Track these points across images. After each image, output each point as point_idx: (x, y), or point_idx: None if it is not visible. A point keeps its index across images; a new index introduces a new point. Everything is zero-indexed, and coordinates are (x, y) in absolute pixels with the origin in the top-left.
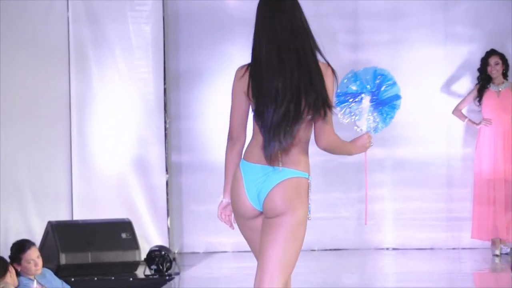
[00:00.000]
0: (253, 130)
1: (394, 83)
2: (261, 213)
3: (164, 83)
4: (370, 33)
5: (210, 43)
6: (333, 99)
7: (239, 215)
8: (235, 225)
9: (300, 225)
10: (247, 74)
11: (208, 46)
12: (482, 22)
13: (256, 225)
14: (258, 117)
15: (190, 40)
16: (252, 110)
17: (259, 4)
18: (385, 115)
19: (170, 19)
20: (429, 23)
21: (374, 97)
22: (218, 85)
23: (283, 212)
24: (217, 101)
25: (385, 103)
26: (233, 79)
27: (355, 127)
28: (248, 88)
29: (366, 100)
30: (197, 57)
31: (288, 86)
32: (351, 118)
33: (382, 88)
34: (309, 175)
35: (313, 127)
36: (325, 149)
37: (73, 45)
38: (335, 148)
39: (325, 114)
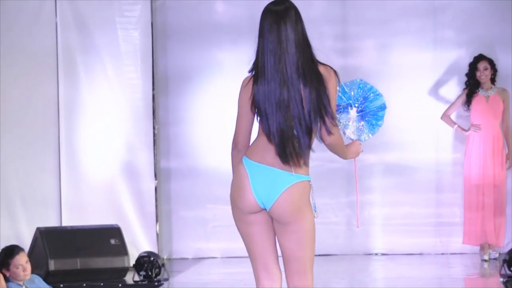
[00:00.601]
0: (259, 131)
1: (380, 94)
2: (262, 210)
3: (153, 89)
4: (359, 38)
5: (198, 48)
6: (336, 99)
7: (238, 209)
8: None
9: (313, 228)
10: (251, 84)
11: (196, 51)
12: (470, 27)
13: (253, 219)
14: (264, 126)
15: (178, 46)
16: (258, 120)
17: (263, 14)
18: (371, 124)
19: (158, 25)
20: (417, 28)
21: (361, 108)
22: (207, 91)
23: (294, 220)
24: (205, 107)
25: (371, 113)
26: (239, 89)
27: (345, 136)
28: (251, 98)
29: (353, 111)
30: (186, 63)
31: (293, 97)
32: (341, 127)
33: (369, 99)
34: (309, 177)
35: (317, 130)
36: (330, 145)
37: (61, 51)
38: (338, 146)
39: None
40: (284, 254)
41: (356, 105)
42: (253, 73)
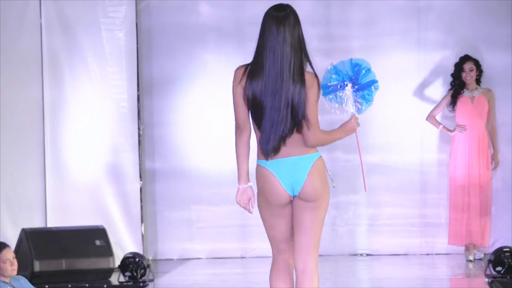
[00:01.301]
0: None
1: (369, 70)
2: (290, 202)
3: (138, 90)
4: (343, 39)
5: (183, 50)
6: (318, 103)
7: (271, 204)
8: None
9: (327, 206)
10: (245, 76)
11: (181, 53)
12: (455, 28)
13: (285, 211)
14: (256, 121)
15: (163, 47)
16: (251, 114)
17: (265, 17)
18: (367, 96)
19: (143, 26)
20: (402, 30)
21: (355, 84)
22: (191, 92)
23: (317, 199)
24: (190, 108)
25: (365, 87)
26: (232, 78)
27: (337, 112)
28: (245, 92)
29: (348, 87)
30: (171, 64)
31: (284, 98)
32: (338, 103)
33: (360, 75)
34: (319, 152)
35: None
36: (314, 146)
37: (46, 52)
38: (323, 142)
39: (307, 127)
40: (296, 229)
41: (350, 81)
42: (249, 65)
